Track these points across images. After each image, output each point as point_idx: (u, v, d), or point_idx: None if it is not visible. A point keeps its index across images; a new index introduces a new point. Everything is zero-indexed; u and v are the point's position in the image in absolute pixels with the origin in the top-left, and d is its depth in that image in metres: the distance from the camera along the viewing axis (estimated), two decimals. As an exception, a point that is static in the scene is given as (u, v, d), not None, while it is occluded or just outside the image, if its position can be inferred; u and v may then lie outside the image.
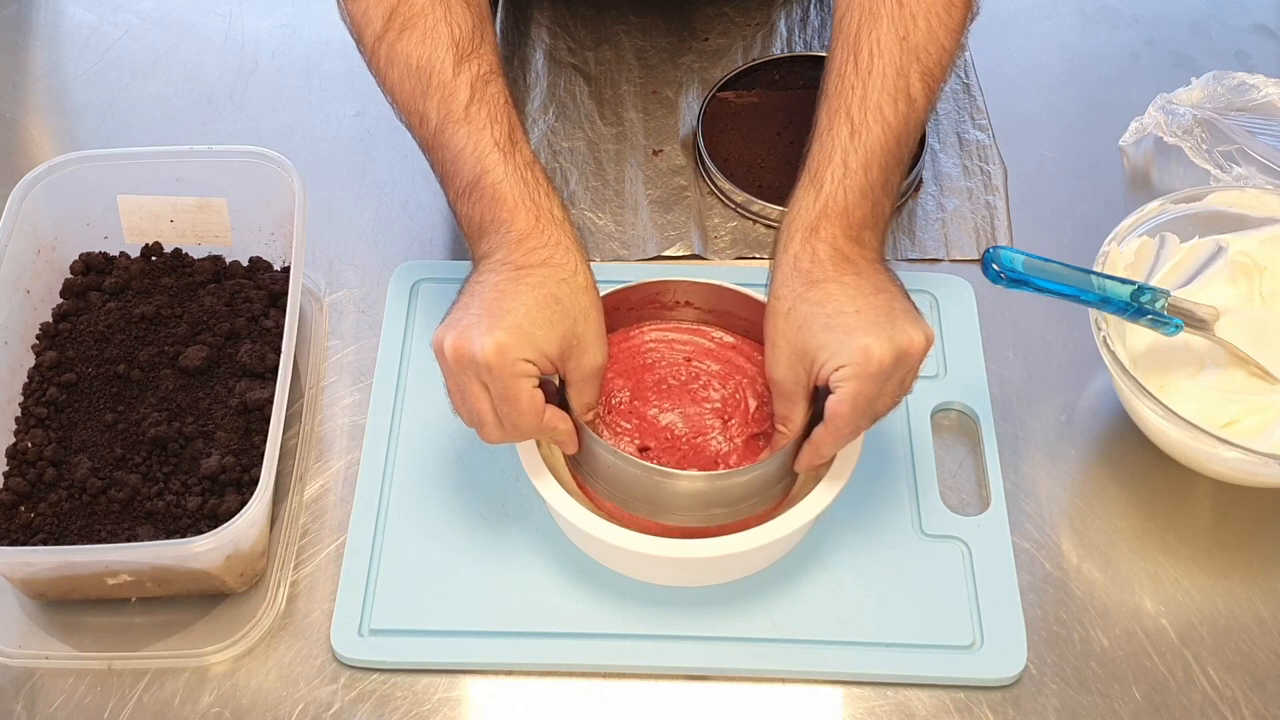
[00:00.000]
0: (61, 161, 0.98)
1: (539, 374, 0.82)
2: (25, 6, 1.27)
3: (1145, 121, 1.11)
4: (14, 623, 0.87)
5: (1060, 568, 0.90)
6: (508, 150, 0.86)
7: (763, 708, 0.84)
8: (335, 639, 0.86)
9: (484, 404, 0.82)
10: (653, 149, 1.12)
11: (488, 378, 0.80)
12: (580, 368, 0.84)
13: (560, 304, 0.82)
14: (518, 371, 0.80)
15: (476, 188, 0.86)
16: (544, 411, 0.83)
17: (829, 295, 0.82)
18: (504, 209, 0.85)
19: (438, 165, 0.89)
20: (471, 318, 0.81)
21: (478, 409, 0.82)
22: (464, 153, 0.86)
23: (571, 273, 0.83)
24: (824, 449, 0.84)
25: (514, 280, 0.82)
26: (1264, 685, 0.85)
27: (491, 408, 0.82)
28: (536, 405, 0.82)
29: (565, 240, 0.84)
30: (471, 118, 0.86)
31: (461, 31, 0.88)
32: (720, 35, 1.21)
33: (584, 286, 0.84)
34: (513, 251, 0.84)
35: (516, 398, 0.81)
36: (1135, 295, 0.88)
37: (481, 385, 0.81)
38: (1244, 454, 0.85)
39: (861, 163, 0.85)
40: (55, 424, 0.92)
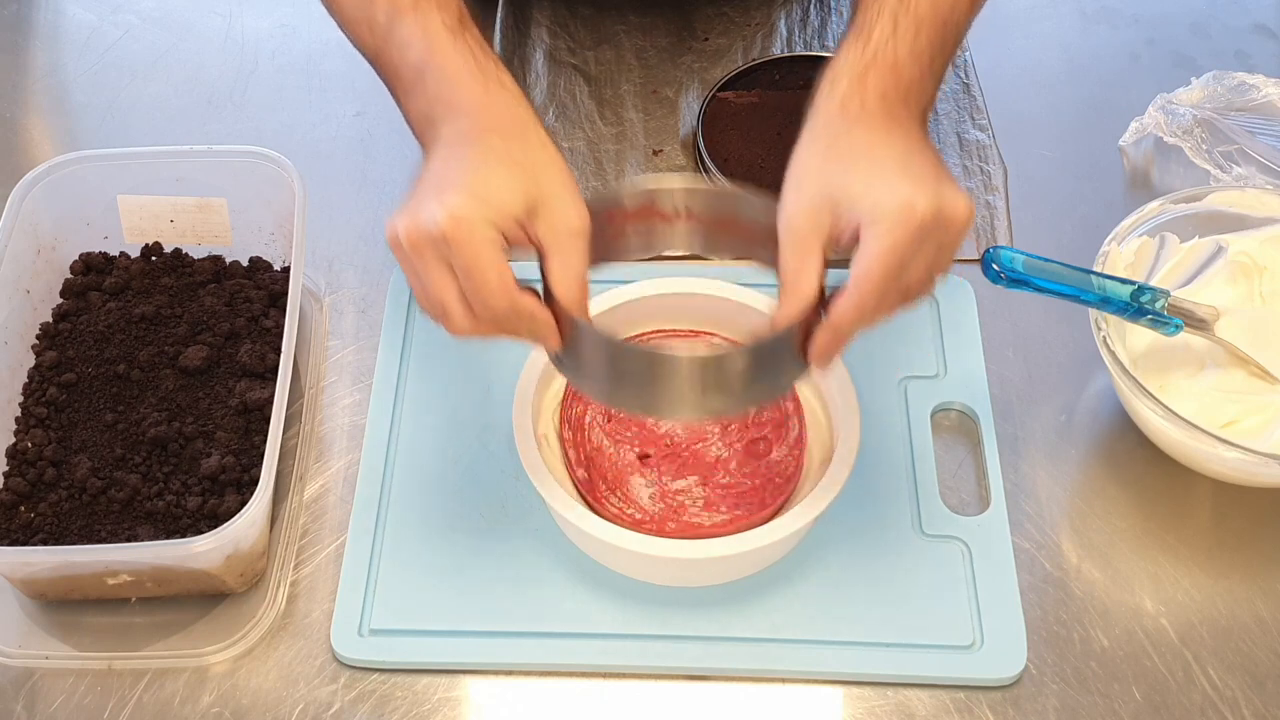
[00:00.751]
0: (61, 161, 0.98)
1: (505, 242, 0.74)
2: (25, 6, 1.27)
3: (1145, 121, 1.11)
4: (14, 623, 0.87)
5: (1060, 568, 0.90)
6: (457, 31, 0.81)
7: (763, 708, 0.84)
8: (335, 639, 0.86)
9: (447, 287, 0.74)
10: (653, 149, 1.12)
11: (447, 251, 0.73)
12: (554, 229, 0.75)
13: (516, 161, 0.75)
14: (478, 237, 0.72)
15: (425, 72, 0.80)
16: (515, 289, 0.75)
17: (876, 142, 0.76)
18: (451, 87, 0.79)
19: (388, 69, 0.83)
20: (420, 196, 0.75)
21: (441, 295, 0.75)
22: (411, 41, 0.81)
23: (522, 132, 0.77)
24: (845, 325, 0.75)
25: (460, 149, 0.76)
26: (1264, 685, 0.85)
27: (457, 291, 0.74)
28: (505, 279, 0.74)
29: (516, 107, 0.78)
30: (420, 5, 0.81)
31: None
32: (720, 35, 1.21)
33: (540, 143, 0.77)
34: (460, 125, 0.78)
35: (482, 269, 0.73)
36: (1135, 295, 0.88)
37: (443, 265, 0.74)
38: (1244, 454, 0.85)
39: (912, 26, 0.80)
40: (55, 424, 0.92)
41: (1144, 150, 1.12)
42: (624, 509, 0.87)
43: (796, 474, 0.89)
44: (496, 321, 0.76)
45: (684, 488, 0.89)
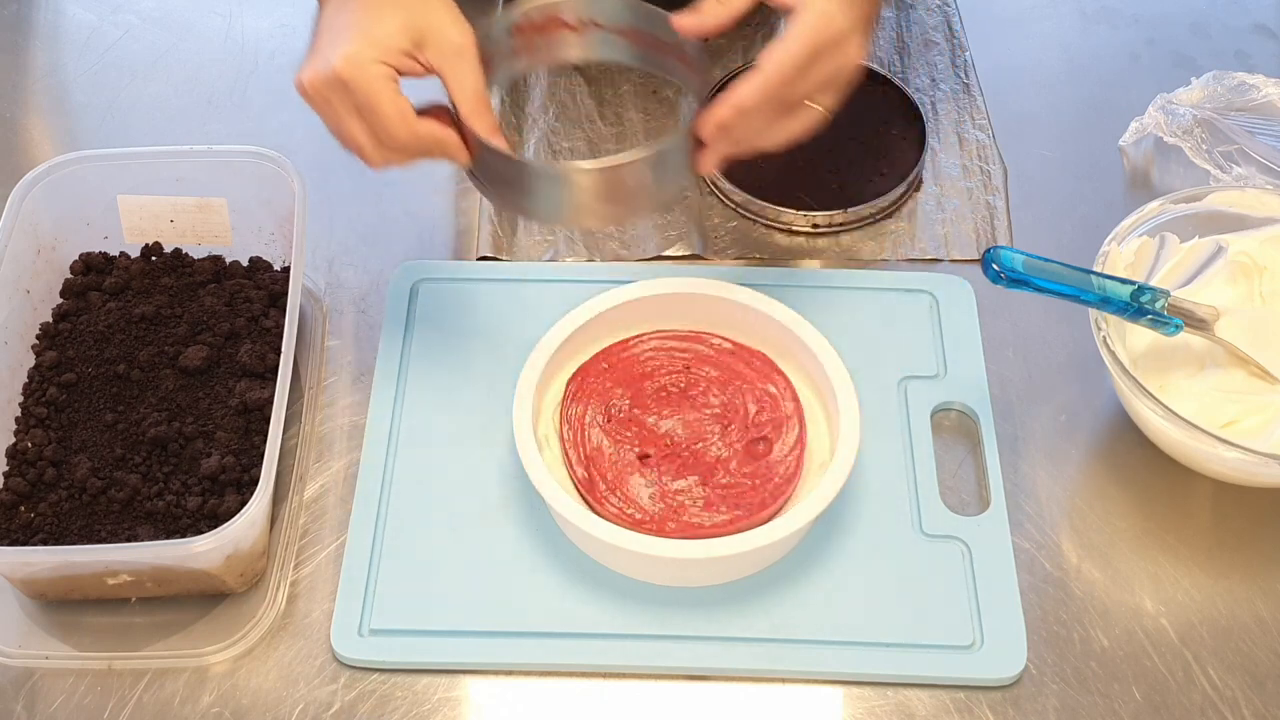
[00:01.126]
0: (61, 161, 0.98)
1: (396, 74, 0.82)
2: (25, 6, 1.27)
3: (1145, 122, 1.11)
4: (14, 623, 0.87)
5: (1060, 568, 0.90)
6: None
7: (763, 708, 0.84)
8: (335, 639, 0.86)
9: (355, 126, 0.82)
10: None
11: (345, 94, 0.81)
12: (442, 52, 0.83)
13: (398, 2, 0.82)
14: (370, 74, 0.80)
15: None
16: (413, 118, 0.82)
17: None
18: None
19: None
20: (317, 46, 0.82)
21: (350, 134, 0.83)
22: None
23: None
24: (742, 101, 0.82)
25: (347, 5, 0.83)
26: (1264, 685, 0.85)
27: (364, 128, 0.82)
28: (402, 110, 0.81)
29: None
30: None
31: None
32: (720, 35, 1.20)
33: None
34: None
35: (379, 104, 0.81)
36: (1135, 295, 0.88)
37: (346, 106, 0.82)
38: (1244, 454, 0.85)
39: None
40: (55, 424, 0.92)
41: (1144, 150, 1.12)
42: (624, 509, 0.87)
43: (796, 474, 0.89)
44: (404, 150, 0.83)
45: (684, 488, 0.89)
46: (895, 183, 1.07)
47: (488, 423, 0.94)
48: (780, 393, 0.92)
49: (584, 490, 0.88)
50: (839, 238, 1.07)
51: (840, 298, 1.01)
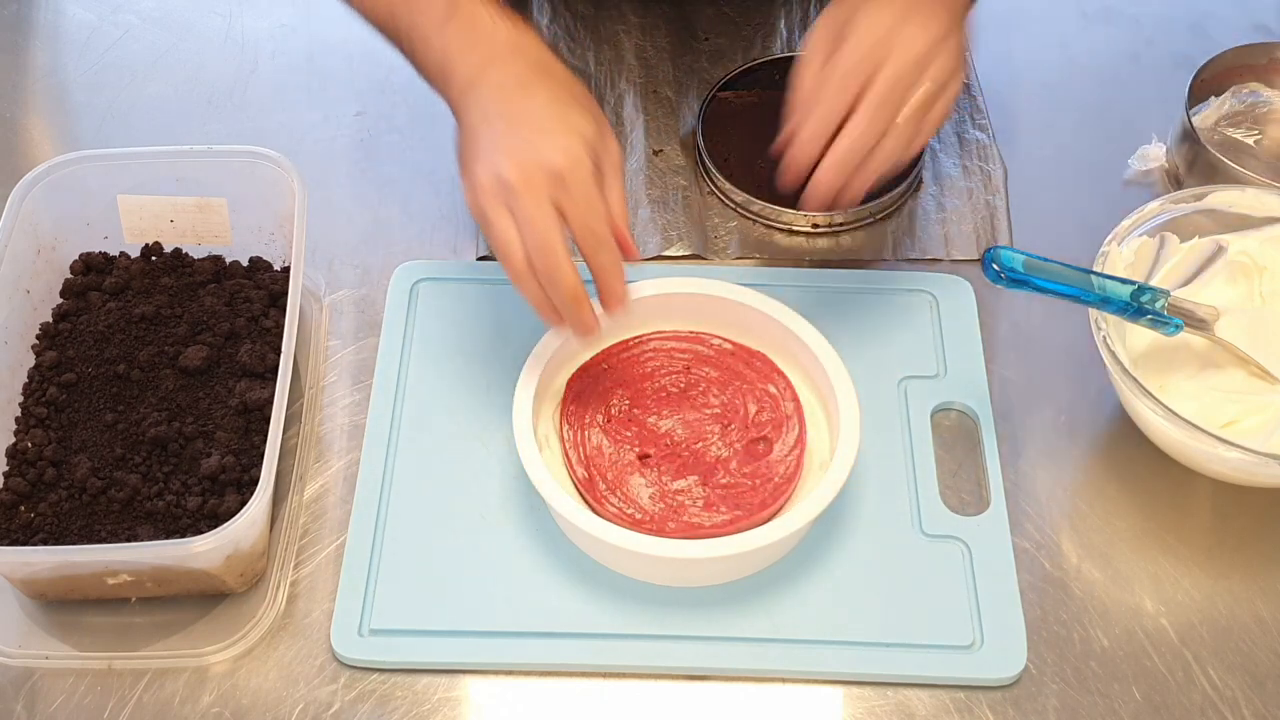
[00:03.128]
0: (61, 161, 0.98)
1: None
2: (25, 6, 1.27)
3: (1150, 156, 1.11)
4: (14, 623, 0.87)
5: (1060, 568, 0.90)
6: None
7: (763, 708, 0.84)
8: (335, 639, 0.86)
9: (555, 224, 0.80)
10: (653, 149, 1.12)
11: (560, 188, 0.80)
12: (612, 155, 0.84)
13: (576, 98, 0.83)
14: (586, 170, 0.80)
15: (453, 15, 0.85)
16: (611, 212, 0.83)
17: None
18: (483, 28, 0.84)
19: (403, 22, 0.87)
20: (512, 138, 0.80)
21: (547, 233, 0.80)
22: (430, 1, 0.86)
23: (562, 69, 0.85)
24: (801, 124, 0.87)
25: (528, 90, 0.81)
26: (1264, 685, 0.85)
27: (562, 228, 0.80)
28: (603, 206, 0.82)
29: (544, 46, 0.85)
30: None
31: None
32: (720, 35, 1.20)
33: (574, 79, 0.85)
34: (513, 68, 0.83)
35: (594, 198, 0.81)
36: (1135, 295, 0.88)
37: (550, 202, 0.80)
38: (1244, 454, 0.85)
39: None
40: (55, 424, 0.92)
41: (1150, 166, 1.12)
42: (624, 509, 0.87)
43: (796, 474, 0.89)
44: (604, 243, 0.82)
45: (684, 488, 0.89)
46: (895, 183, 1.07)
47: (488, 423, 0.94)
48: (780, 393, 0.93)
49: (584, 490, 0.88)
50: (839, 238, 1.07)
51: (840, 298, 1.01)
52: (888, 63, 0.85)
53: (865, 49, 0.86)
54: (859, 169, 0.88)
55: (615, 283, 0.86)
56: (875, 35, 0.86)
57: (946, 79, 0.87)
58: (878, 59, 0.85)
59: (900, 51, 0.85)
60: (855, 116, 0.86)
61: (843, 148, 0.86)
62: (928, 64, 0.86)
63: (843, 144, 0.86)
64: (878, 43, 0.85)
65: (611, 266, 0.85)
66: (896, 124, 0.87)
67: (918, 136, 0.88)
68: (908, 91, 0.86)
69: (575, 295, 0.83)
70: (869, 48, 0.85)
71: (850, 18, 0.87)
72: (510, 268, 0.83)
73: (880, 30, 0.86)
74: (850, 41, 0.86)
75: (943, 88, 0.87)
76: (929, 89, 0.86)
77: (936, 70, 0.87)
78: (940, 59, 0.86)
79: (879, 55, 0.85)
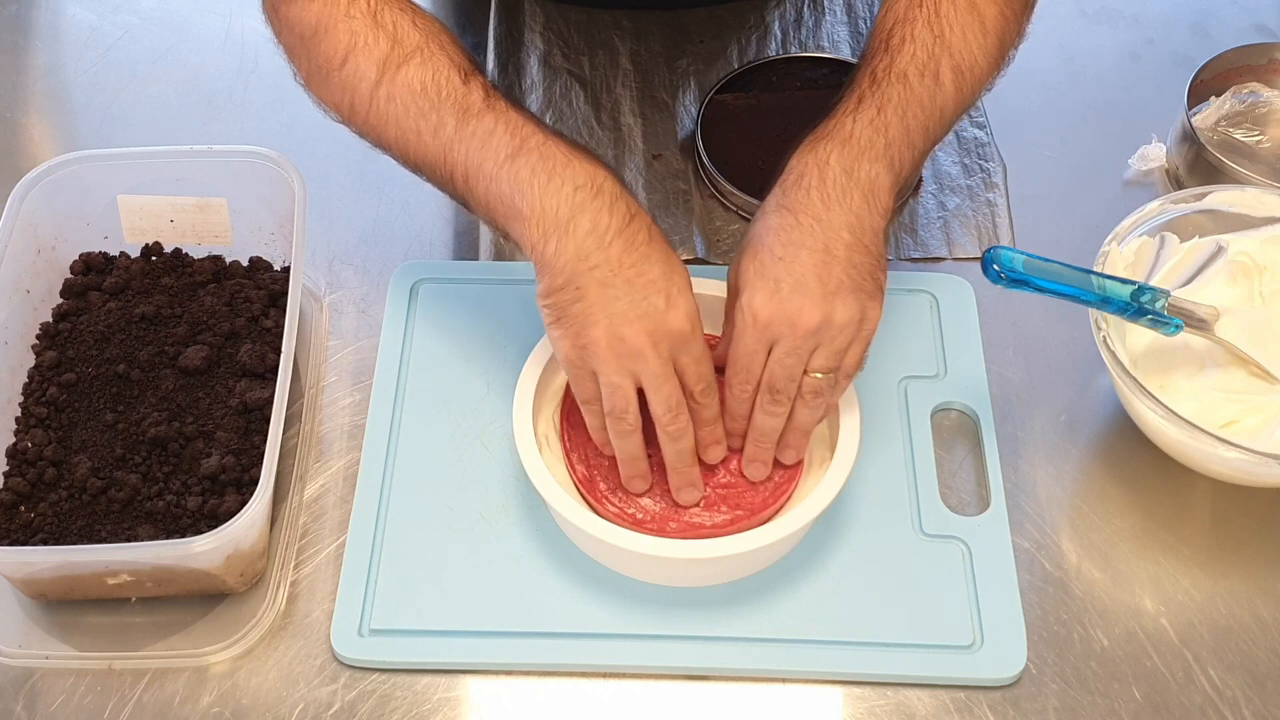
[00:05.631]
0: (61, 161, 0.98)
1: None
2: (25, 6, 1.27)
3: (1150, 156, 1.11)
4: (14, 623, 0.87)
5: (1060, 568, 0.90)
6: (540, 122, 0.85)
7: (763, 708, 0.84)
8: (335, 639, 0.86)
9: (675, 384, 0.82)
10: (652, 153, 1.12)
11: (681, 348, 0.81)
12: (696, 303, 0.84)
13: (671, 250, 0.83)
14: (700, 330, 0.82)
15: (520, 154, 0.83)
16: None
17: (775, 227, 0.83)
18: (560, 166, 0.82)
19: (458, 160, 0.85)
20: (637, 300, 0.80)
21: (669, 391, 0.81)
22: (496, 131, 0.84)
23: (640, 210, 0.83)
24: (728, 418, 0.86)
25: (625, 236, 0.81)
26: (1264, 685, 0.85)
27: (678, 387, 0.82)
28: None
29: (619, 180, 0.84)
30: (494, 106, 0.85)
31: (461, 57, 0.87)
32: (715, 37, 1.20)
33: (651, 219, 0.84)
34: (600, 210, 0.81)
35: (707, 356, 0.83)
36: (1135, 295, 0.88)
37: (671, 365, 0.81)
38: (1244, 454, 0.85)
39: (877, 104, 0.85)
40: (55, 424, 0.92)
41: (1150, 166, 1.12)
42: (624, 509, 0.87)
43: (796, 474, 0.89)
44: (708, 392, 0.84)
45: (684, 488, 0.89)
46: (895, 182, 1.07)
47: (488, 423, 0.94)
48: (780, 393, 0.92)
49: (584, 490, 0.88)
50: (839, 238, 1.07)
51: (840, 298, 1.01)
52: (772, 357, 0.83)
53: (748, 346, 0.83)
54: (781, 440, 0.86)
55: (718, 429, 0.86)
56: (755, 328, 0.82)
57: (843, 346, 0.83)
58: (764, 348, 0.83)
59: (784, 344, 0.82)
60: (755, 414, 0.85)
61: (754, 434, 0.86)
62: (815, 343, 0.82)
63: (753, 433, 0.86)
64: (756, 338, 0.82)
65: (716, 414, 0.86)
66: (800, 402, 0.84)
67: (831, 399, 0.86)
68: (795, 380, 0.83)
69: (694, 452, 0.85)
70: (751, 343, 0.83)
71: (739, 286, 0.84)
72: (620, 425, 0.83)
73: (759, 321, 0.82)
74: (736, 335, 0.83)
75: (839, 356, 0.83)
76: (820, 377, 0.83)
77: (827, 345, 0.82)
78: (833, 327, 0.82)
79: (764, 345, 0.83)
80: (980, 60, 0.90)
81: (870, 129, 0.85)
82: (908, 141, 0.86)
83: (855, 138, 0.84)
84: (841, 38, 1.20)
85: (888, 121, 0.85)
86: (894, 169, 0.85)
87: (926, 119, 0.87)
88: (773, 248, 0.83)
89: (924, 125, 0.87)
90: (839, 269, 0.82)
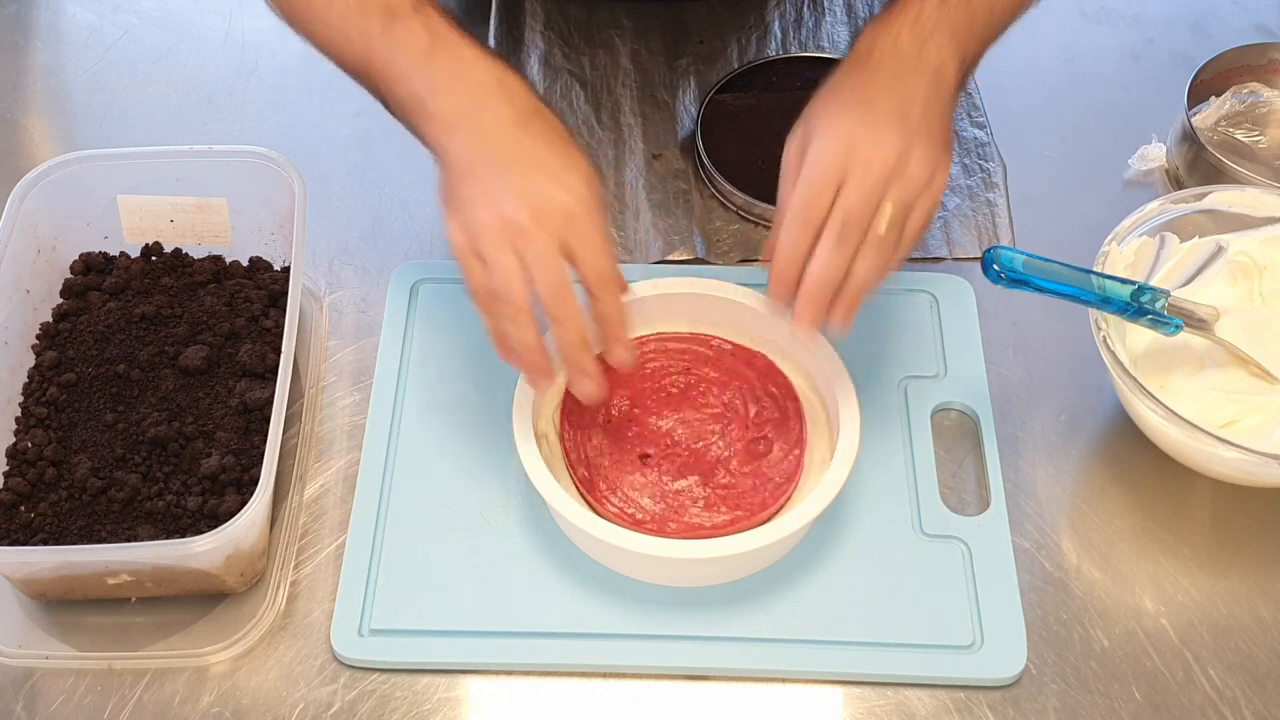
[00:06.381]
0: (61, 161, 0.98)
1: None
2: (25, 6, 1.27)
3: (1150, 156, 1.11)
4: (14, 623, 0.87)
5: (1060, 568, 0.90)
6: (460, 26, 0.85)
7: (763, 708, 0.84)
8: (335, 639, 0.86)
9: (560, 266, 0.79)
10: (652, 153, 1.12)
11: (570, 229, 0.79)
12: (600, 192, 0.83)
13: (567, 138, 0.82)
14: (594, 210, 0.80)
15: (434, 55, 0.83)
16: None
17: (849, 85, 0.84)
18: (470, 67, 0.83)
19: (376, 64, 0.85)
20: (520, 179, 0.79)
21: (554, 274, 0.79)
22: (415, 32, 0.84)
23: (547, 110, 0.83)
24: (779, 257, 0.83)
25: (525, 131, 0.80)
26: (1264, 685, 0.85)
27: (564, 270, 0.79)
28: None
29: (529, 87, 0.84)
30: (421, 10, 0.85)
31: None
32: (715, 37, 1.20)
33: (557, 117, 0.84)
34: (506, 111, 0.81)
35: (601, 237, 0.80)
36: (1135, 295, 0.88)
37: (556, 244, 0.79)
38: (1244, 454, 0.85)
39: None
40: (55, 424, 0.92)
41: (1150, 166, 1.12)
42: (624, 509, 0.87)
43: (796, 474, 0.89)
44: (612, 280, 0.82)
45: (684, 488, 0.89)
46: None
47: (488, 423, 0.94)
48: (780, 393, 0.92)
49: (584, 490, 0.88)
50: (839, 238, 1.07)
51: (840, 298, 1.01)
52: (845, 188, 0.80)
53: (820, 174, 0.80)
54: (837, 298, 0.82)
55: (621, 329, 0.84)
56: (830, 157, 0.80)
57: (915, 193, 0.81)
58: (836, 181, 0.80)
59: (858, 174, 0.79)
60: (817, 252, 0.81)
61: (811, 283, 0.81)
62: (889, 181, 0.80)
63: (809, 281, 0.82)
64: (830, 168, 0.80)
65: (618, 311, 0.84)
66: (866, 248, 0.81)
67: (894, 257, 0.82)
68: (868, 216, 0.80)
69: (585, 340, 0.83)
70: (823, 172, 0.80)
71: (810, 132, 0.82)
72: (507, 308, 0.80)
73: (833, 152, 0.80)
74: (807, 165, 0.81)
75: (910, 205, 0.81)
76: (893, 211, 0.80)
77: (901, 186, 0.80)
78: (908, 169, 0.80)
79: (835, 178, 0.80)
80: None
81: (938, 12, 0.85)
82: (971, 28, 0.86)
83: (923, 19, 0.85)
84: (841, 38, 1.20)
85: (954, 6, 0.85)
86: (960, 52, 0.85)
87: (991, 4, 0.87)
88: (847, 97, 0.82)
89: (989, 10, 0.87)
90: (917, 115, 0.81)
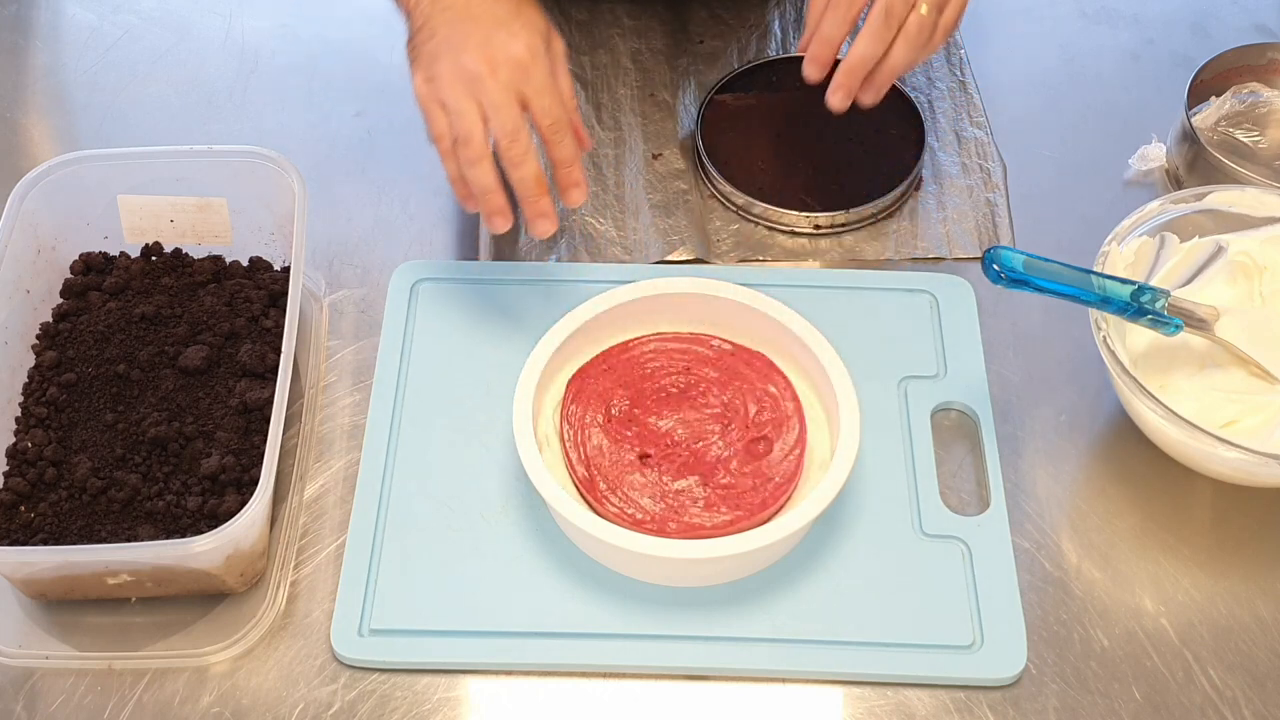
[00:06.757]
0: (61, 161, 0.98)
1: None
2: (25, 6, 1.27)
3: (1150, 156, 1.11)
4: (14, 623, 0.87)
5: (1060, 568, 0.90)
6: None
7: (763, 708, 0.84)
8: (335, 639, 0.86)
9: (517, 113, 0.86)
10: (652, 153, 1.12)
11: (524, 78, 0.86)
12: (559, 48, 0.90)
13: (527, 3, 0.88)
14: (544, 59, 0.87)
15: None
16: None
17: None
18: None
19: None
20: (476, 34, 0.86)
21: (509, 120, 0.86)
22: None
23: None
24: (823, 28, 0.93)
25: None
26: (1264, 685, 0.85)
27: (519, 115, 0.86)
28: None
29: None
30: None
31: None
32: (715, 38, 1.20)
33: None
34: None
35: (553, 84, 0.87)
36: (1135, 295, 0.88)
37: (512, 92, 0.86)
38: (1244, 454, 0.85)
39: None
40: (55, 424, 0.92)
41: (1149, 163, 1.12)
42: (624, 509, 0.87)
43: (796, 474, 0.89)
44: (562, 124, 0.89)
45: (684, 488, 0.89)
46: (896, 182, 1.08)
47: (488, 423, 0.94)
48: (780, 393, 0.93)
49: (584, 490, 0.88)
50: (841, 238, 1.07)
51: (840, 298, 1.01)
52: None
53: None
54: (872, 75, 0.94)
55: (575, 171, 0.91)
56: None
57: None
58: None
59: None
60: (863, 31, 0.92)
61: (853, 59, 0.93)
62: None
63: (852, 57, 0.93)
64: None
65: (572, 154, 0.90)
66: (906, 32, 0.92)
67: (928, 45, 0.93)
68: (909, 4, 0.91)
69: (540, 180, 0.89)
70: None
71: None
72: (467, 151, 0.88)
73: None
74: None
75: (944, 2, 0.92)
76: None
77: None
78: None
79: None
80: None
81: None
82: None
83: None
84: (841, 38, 1.20)
85: None
86: None
87: None
88: None
89: None
90: None
